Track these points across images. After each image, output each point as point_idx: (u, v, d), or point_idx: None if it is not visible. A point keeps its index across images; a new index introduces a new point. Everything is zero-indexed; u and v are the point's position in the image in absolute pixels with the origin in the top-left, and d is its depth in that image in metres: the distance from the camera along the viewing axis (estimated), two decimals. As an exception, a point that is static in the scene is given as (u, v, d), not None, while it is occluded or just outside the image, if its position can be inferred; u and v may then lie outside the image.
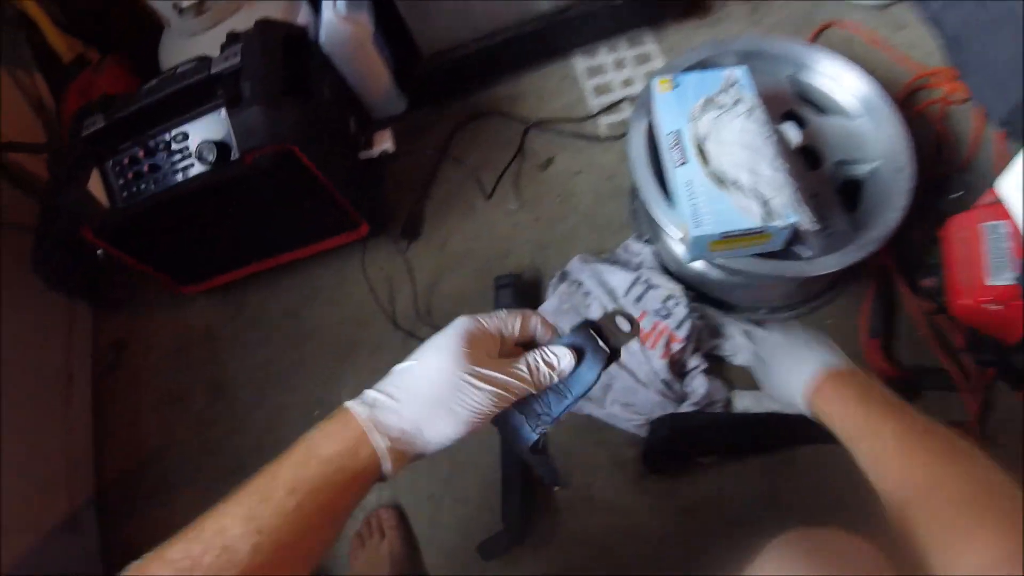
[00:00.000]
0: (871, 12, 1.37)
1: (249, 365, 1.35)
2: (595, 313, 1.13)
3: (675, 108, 1.04)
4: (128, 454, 1.34)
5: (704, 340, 1.12)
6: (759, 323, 1.13)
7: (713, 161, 0.99)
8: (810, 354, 0.84)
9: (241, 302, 1.41)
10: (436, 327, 1.23)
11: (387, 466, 0.51)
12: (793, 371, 0.84)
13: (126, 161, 1.11)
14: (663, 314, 1.09)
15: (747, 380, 1.11)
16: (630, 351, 1.08)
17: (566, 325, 1.12)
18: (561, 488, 1.10)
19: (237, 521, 0.46)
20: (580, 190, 1.33)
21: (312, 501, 0.47)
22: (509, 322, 0.58)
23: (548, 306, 1.18)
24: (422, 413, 0.51)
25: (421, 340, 0.56)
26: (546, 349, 0.57)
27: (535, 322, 0.59)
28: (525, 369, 0.55)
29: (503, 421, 0.58)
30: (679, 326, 1.07)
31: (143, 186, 1.10)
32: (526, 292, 1.25)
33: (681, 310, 1.08)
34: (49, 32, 1.38)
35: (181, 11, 1.26)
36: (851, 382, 0.76)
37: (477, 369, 0.52)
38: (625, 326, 0.59)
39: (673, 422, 1.07)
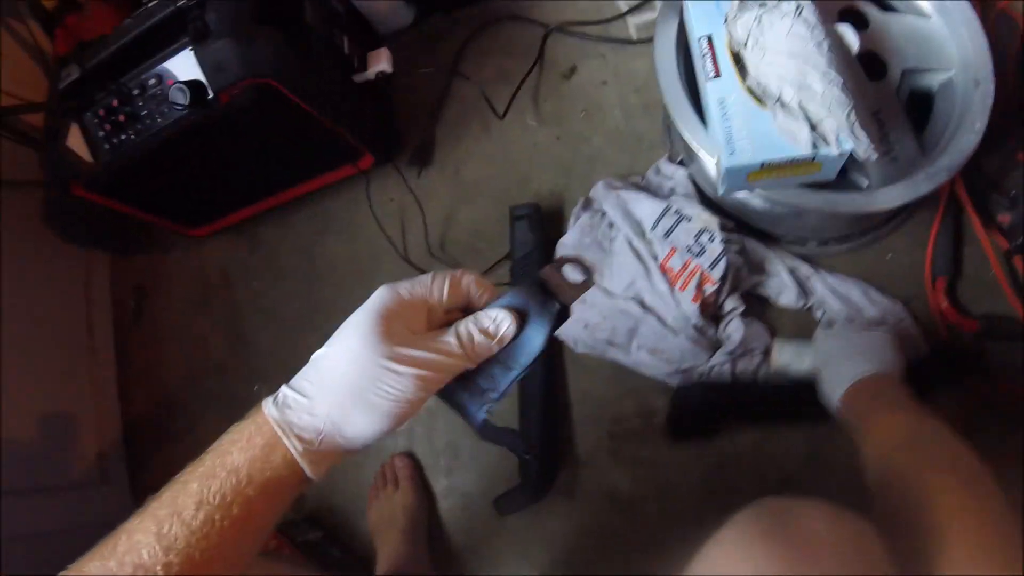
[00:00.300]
0: None
1: (265, 308, 1.34)
2: (621, 251, 1.02)
3: (708, 8, 0.88)
4: (153, 402, 1.37)
5: (743, 278, 1.00)
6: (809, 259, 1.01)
7: (752, 73, 0.84)
8: (851, 363, 0.85)
9: (254, 240, 1.38)
10: (451, 263, 1.19)
11: (308, 470, 0.46)
12: (835, 379, 0.85)
13: (102, 112, 1.04)
14: (696, 251, 0.97)
15: (791, 325, 1.01)
16: (658, 292, 0.99)
17: (589, 259, 1.04)
18: (532, 456, 1.05)
19: (149, 538, 0.44)
20: (607, 103, 1.19)
21: (223, 515, 0.44)
22: (436, 287, 0.50)
23: (568, 239, 1.08)
24: (337, 409, 0.46)
25: None
26: (481, 314, 0.50)
27: (467, 281, 0.52)
28: (454, 341, 0.48)
29: (449, 399, 0.51)
30: (713, 265, 0.96)
31: (124, 136, 1.04)
32: (546, 223, 1.14)
33: (716, 246, 0.96)
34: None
35: None
36: (874, 387, 0.80)
37: (396, 350, 0.46)
38: (576, 276, 0.51)
39: (701, 392, 1.00)
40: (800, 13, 0.83)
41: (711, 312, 0.99)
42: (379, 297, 0.48)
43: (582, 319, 1.03)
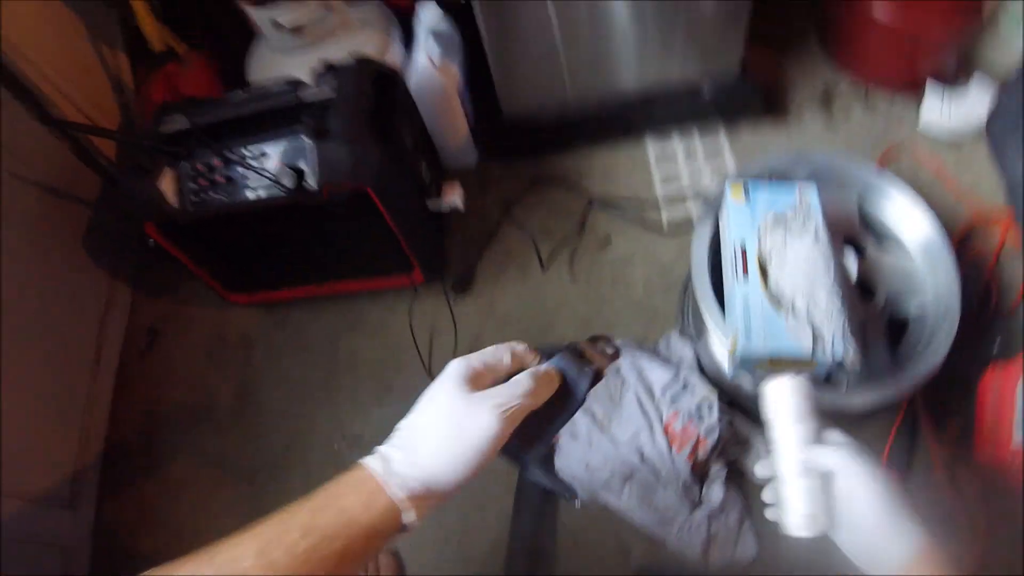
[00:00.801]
0: (942, 145, 1.45)
1: (279, 378, 1.41)
2: (630, 405, 1.19)
3: (744, 219, 1.11)
4: (143, 440, 1.40)
5: (729, 448, 1.18)
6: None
7: (773, 281, 1.06)
8: (908, 527, 0.67)
9: (284, 316, 1.48)
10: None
11: (409, 517, 0.53)
12: (889, 544, 0.65)
13: (201, 167, 1.16)
14: (696, 418, 1.15)
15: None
16: (657, 447, 1.14)
17: (598, 409, 1.20)
18: (580, 502, 1.17)
19: (250, 553, 0.48)
20: (633, 277, 1.39)
21: (326, 547, 0.50)
22: (499, 355, 0.60)
23: (583, 385, 1.25)
24: (434, 455, 0.53)
25: None
26: (535, 369, 0.61)
27: (522, 350, 0.62)
28: (520, 381, 0.58)
29: (507, 451, 0.59)
30: (709, 432, 1.13)
31: (214, 194, 1.16)
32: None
33: (713, 418, 1.14)
34: (144, 18, 1.45)
35: (277, 26, 1.33)
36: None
37: (476, 393, 0.56)
38: (607, 349, 0.64)
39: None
40: (817, 238, 1.07)
41: (700, 471, 1.16)
42: (454, 367, 0.58)
43: (584, 459, 1.17)
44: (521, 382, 0.57)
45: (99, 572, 1.30)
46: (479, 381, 0.58)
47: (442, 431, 0.54)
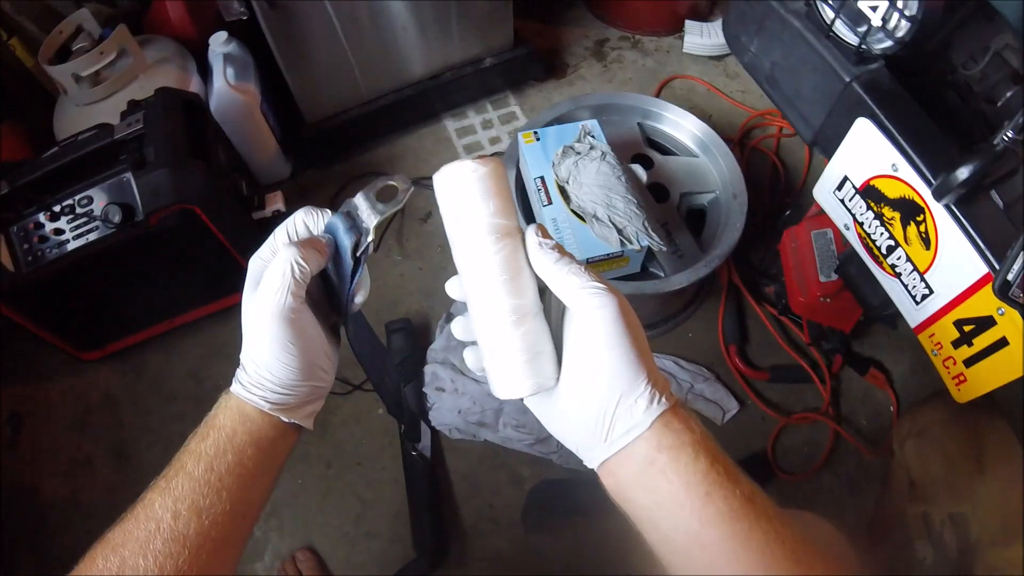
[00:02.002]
0: (707, 64, 1.73)
1: (152, 428, 1.47)
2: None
3: (539, 157, 1.31)
4: (32, 525, 1.43)
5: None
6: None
7: (574, 199, 1.27)
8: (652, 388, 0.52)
9: (142, 365, 1.54)
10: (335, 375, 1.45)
11: (286, 417, 0.58)
12: (628, 408, 0.49)
13: (31, 226, 1.24)
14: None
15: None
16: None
17: (456, 360, 1.38)
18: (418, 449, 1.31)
19: (156, 494, 0.53)
20: (460, 242, 1.59)
21: (220, 463, 0.55)
22: (277, 243, 0.60)
23: (438, 344, 1.40)
24: (265, 367, 0.57)
25: None
26: (284, 255, 0.57)
27: (299, 220, 0.61)
28: (268, 279, 0.56)
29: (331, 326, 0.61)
30: (560, 347, 1.33)
31: (48, 250, 1.24)
32: (417, 335, 1.46)
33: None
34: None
35: (79, 80, 1.42)
36: (686, 426, 0.49)
37: (253, 300, 0.57)
38: (390, 193, 0.60)
39: (550, 487, 1.32)
40: (605, 158, 1.30)
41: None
42: (249, 269, 0.59)
43: (456, 406, 1.33)
44: (270, 273, 0.57)
45: None
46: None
47: (256, 344, 0.57)
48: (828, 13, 1.03)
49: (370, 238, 0.59)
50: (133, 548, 0.52)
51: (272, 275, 0.56)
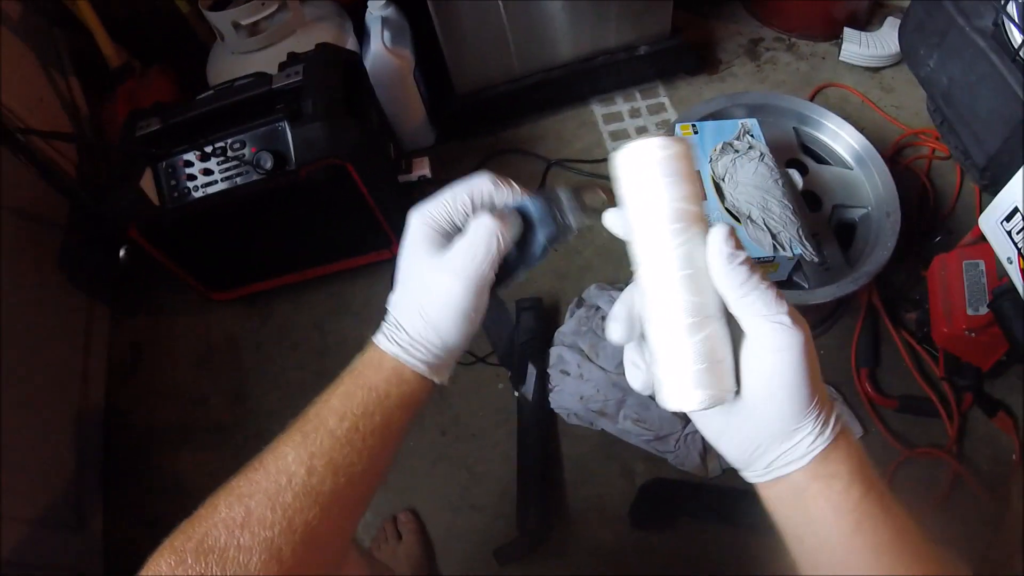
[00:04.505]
0: (863, 75, 1.65)
1: (271, 378, 1.49)
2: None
3: (696, 151, 1.27)
4: (142, 456, 1.46)
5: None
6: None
7: (729, 198, 1.22)
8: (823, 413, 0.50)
9: (268, 312, 1.56)
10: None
11: (438, 379, 0.56)
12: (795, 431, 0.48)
13: (180, 163, 1.26)
14: (676, 336, 1.29)
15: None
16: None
17: (584, 345, 1.33)
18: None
19: (293, 446, 0.52)
20: (597, 226, 1.52)
21: (365, 424, 0.53)
22: (458, 198, 0.57)
23: (567, 328, 1.37)
24: (428, 327, 0.55)
25: None
26: (487, 220, 0.55)
27: (486, 189, 0.58)
28: (472, 244, 0.55)
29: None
30: (691, 347, 1.28)
31: (194, 189, 1.26)
32: (546, 315, 1.44)
33: (693, 333, 1.29)
34: (100, 36, 1.54)
35: (237, 28, 1.45)
36: (845, 455, 0.47)
37: (438, 259, 0.55)
38: (596, 201, 0.57)
39: (662, 486, 1.27)
40: (763, 159, 1.24)
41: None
42: (415, 227, 0.56)
43: (578, 392, 1.30)
44: (473, 241, 0.54)
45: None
46: (442, 236, 0.57)
47: (424, 304, 0.55)
48: (1017, 36, 0.93)
49: (571, 236, 0.58)
50: (260, 500, 0.50)
51: (476, 243, 0.54)
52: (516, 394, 1.34)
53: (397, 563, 1.24)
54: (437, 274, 0.55)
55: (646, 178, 0.46)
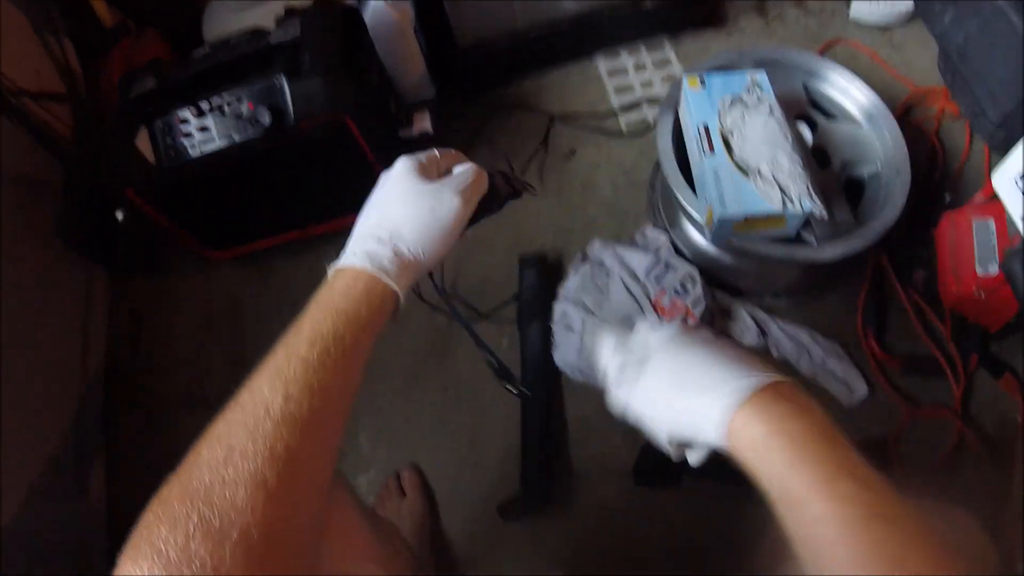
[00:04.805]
0: (873, 32, 1.61)
1: (274, 333, 1.44)
2: (618, 291, 1.31)
3: (704, 104, 1.24)
4: (146, 424, 1.45)
5: (715, 319, 1.31)
6: (765, 308, 1.33)
7: (737, 152, 1.19)
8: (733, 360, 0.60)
9: (268, 271, 1.55)
10: (461, 302, 1.42)
11: (402, 301, 0.61)
12: (707, 383, 0.58)
13: (176, 121, 1.24)
14: (680, 293, 1.28)
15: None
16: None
17: (587, 299, 1.31)
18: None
19: (264, 381, 0.53)
20: (600, 181, 1.52)
21: (337, 347, 0.55)
22: (436, 154, 0.70)
23: (571, 284, 1.35)
24: (416, 242, 0.61)
25: (445, 313, 0.71)
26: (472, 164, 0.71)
27: (453, 152, 0.72)
28: (468, 171, 0.69)
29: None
30: (696, 304, 1.26)
31: (191, 147, 1.23)
32: (550, 272, 1.43)
33: (698, 290, 1.27)
34: (93, -3, 1.51)
35: None
36: (792, 402, 0.53)
37: (436, 181, 0.65)
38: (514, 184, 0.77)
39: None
40: (772, 113, 1.21)
41: (691, 345, 1.28)
42: (406, 162, 0.66)
43: (582, 348, 1.29)
44: (470, 169, 0.68)
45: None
46: (428, 174, 0.67)
47: (418, 216, 0.62)
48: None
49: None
50: (240, 435, 0.50)
51: (471, 169, 0.68)
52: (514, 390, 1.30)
53: (400, 519, 1.24)
54: (436, 191, 0.63)
55: None
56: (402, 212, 0.63)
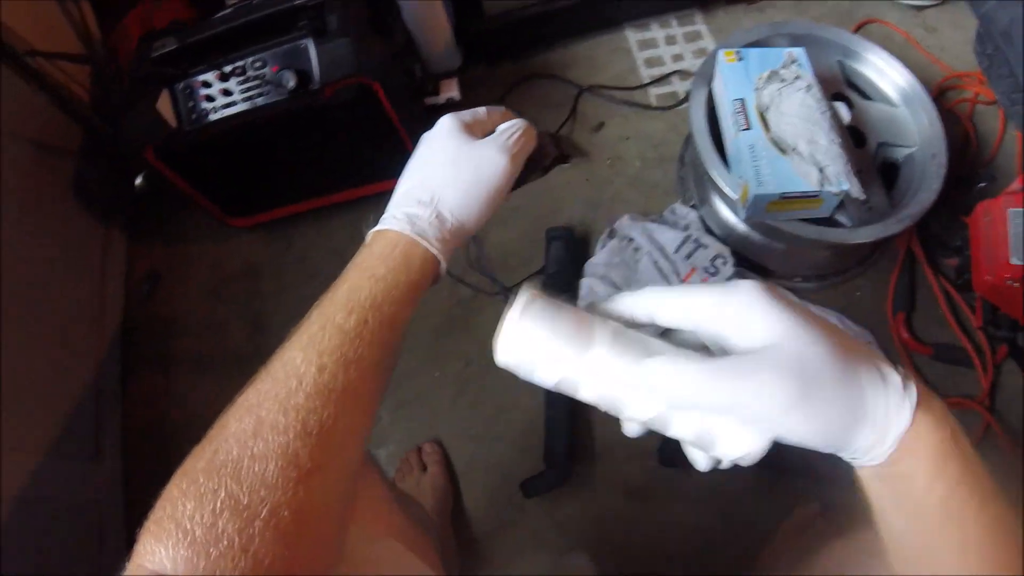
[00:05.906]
0: (908, 13, 1.57)
1: (292, 308, 1.44)
2: (647, 268, 1.27)
3: (740, 78, 1.20)
4: (160, 388, 1.43)
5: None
6: (794, 291, 1.29)
7: (774, 129, 1.15)
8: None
9: (287, 239, 1.51)
10: (487, 274, 1.38)
11: (444, 267, 0.57)
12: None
13: (198, 84, 1.20)
14: (711, 271, 1.24)
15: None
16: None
17: (617, 277, 1.28)
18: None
19: (298, 350, 0.49)
20: (629, 155, 1.49)
21: (375, 316, 0.51)
22: (481, 112, 0.63)
23: (599, 259, 1.32)
24: (461, 203, 0.57)
25: (471, 286, 0.64)
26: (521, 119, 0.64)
27: (500, 109, 0.65)
28: (515, 125, 0.62)
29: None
30: (725, 284, 1.23)
31: (213, 110, 1.20)
32: (576, 245, 1.39)
33: (728, 269, 1.24)
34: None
35: None
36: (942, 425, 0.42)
37: (482, 139, 0.60)
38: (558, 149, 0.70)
39: None
40: (810, 90, 1.17)
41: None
42: (450, 120, 0.60)
43: (607, 325, 1.25)
44: (519, 123, 0.62)
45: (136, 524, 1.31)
46: (473, 132, 0.61)
47: (462, 177, 0.57)
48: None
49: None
50: (271, 406, 0.46)
51: (517, 125, 0.62)
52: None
53: (421, 493, 1.22)
54: (481, 150, 0.58)
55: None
56: (445, 173, 0.58)
